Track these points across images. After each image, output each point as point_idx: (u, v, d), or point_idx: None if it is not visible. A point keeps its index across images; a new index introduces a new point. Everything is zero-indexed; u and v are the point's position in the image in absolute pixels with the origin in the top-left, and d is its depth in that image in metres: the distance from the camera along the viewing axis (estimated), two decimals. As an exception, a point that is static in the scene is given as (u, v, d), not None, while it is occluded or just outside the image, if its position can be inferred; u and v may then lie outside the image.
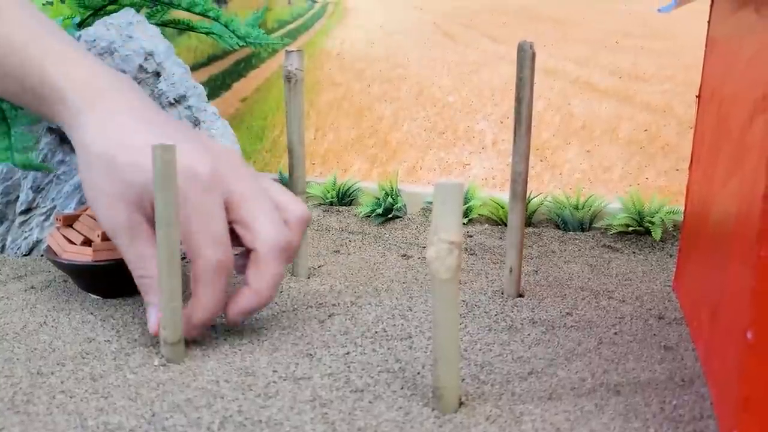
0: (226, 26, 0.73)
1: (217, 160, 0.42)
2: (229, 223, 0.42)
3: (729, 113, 0.38)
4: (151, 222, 0.42)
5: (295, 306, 0.50)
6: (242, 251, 0.44)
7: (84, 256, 0.49)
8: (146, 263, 0.42)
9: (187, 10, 0.71)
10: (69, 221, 0.52)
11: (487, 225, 0.71)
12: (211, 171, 0.41)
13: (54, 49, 0.47)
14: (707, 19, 0.50)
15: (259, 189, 0.43)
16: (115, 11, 0.63)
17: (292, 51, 0.52)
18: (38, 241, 0.61)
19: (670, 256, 0.62)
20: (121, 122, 0.44)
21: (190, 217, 0.40)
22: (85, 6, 0.67)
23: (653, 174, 0.72)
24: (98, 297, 0.51)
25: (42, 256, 0.61)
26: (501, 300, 0.52)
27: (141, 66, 0.59)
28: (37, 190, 0.60)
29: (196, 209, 0.41)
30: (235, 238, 0.43)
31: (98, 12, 0.68)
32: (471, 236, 0.68)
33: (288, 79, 0.52)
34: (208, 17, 0.72)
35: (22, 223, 0.61)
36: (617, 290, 0.54)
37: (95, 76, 0.47)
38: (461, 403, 0.36)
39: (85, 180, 0.44)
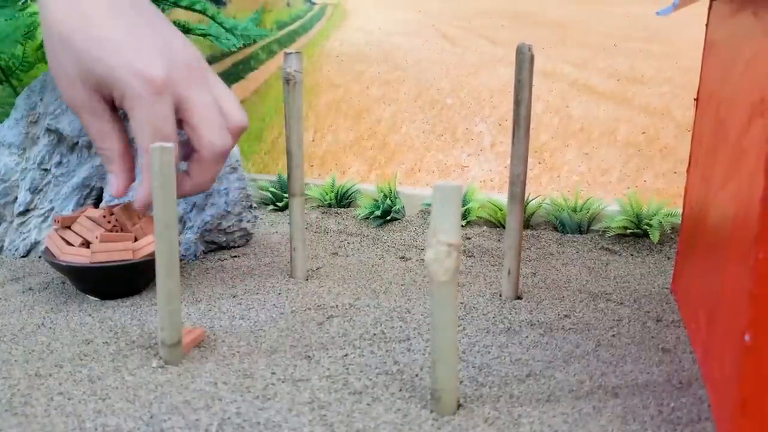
0: (213, 18, 0.73)
1: (173, 65, 0.46)
2: (179, 121, 0.47)
3: (727, 116, 0.39)
4: (111, 104, 0.47)
5: (294, 308, 0.50)
6: (185, 140, 0.50)
7: (82, 257, 0.49)
8: (105, 137, 0.48)
9: (175, 4, 0.71)
10: (67, 223, 0.52)
11: (485, 227, 0.71)
12: (164, 75, 0.45)
13: None
14: (705, 23, 0.50)
15: (207, 96, 0.47)
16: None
17: (291, 53, 0.52)
18: (36, 243, 0.61)
19: (668, 258, 0.63)
20: (89, 11, 0.46)
21: (142, 116, 0.45)
22: None
23: (651, 176, 0.72)
24: (96, 299, 0.51)
25: (40, 257, 0.61)
26: (499, 302, 0.52)
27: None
28: (35, 191, 0.60)
29: (148, 111, 0.45)
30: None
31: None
32: (469, 238, 0.68)
33: (287, 80, 0.52)
34: (195, 10, 0.72)
35: (20, 225, 0.61)
36: (615, 292, 0.54)
37: None
38: (459, 405, 0.36)
39: (48, 53, 0.47)
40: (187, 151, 0.50)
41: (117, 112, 0.48)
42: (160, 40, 0.47)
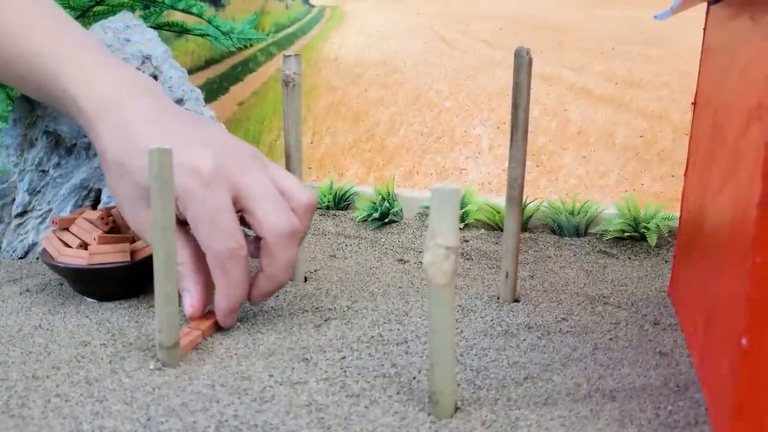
0: (209, 22, 0.74)
1: (223, 155, 0.44)
2: (240, 212, 0.44)
3: (724, 120, 0.39)
4: (176, 219, 0.44)
5: (291, 310, 0.50)
6: (254, 236, 0.46)
7: (80, 259, 0.49)
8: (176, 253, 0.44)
9: (171, 7, 0.71)
10: (65, 224, 0.52)
11: (483, 230, 0.71)
12: (212, 166, 0.43)
13: (70, 57, 0.48)
14: (703, 27, 0.50)
15: (264, 179, 0.45)
16: (103, 12, 0.63)
17: (290, 55, 0.52)
18: (34, 244, 0.60)
19: (666, 261, 0.63)
20: (131, 129, 0.45)
21: (196, 212, 0.42)
22: (72, 7, 0.67)
23: (649, 180, 0.72)
24: (94, 300, 0.51)
25: (38, 259, 0.61)
26: (497, 305, 0.52)
27: (138, 69, 0.59)
28: (33, 192, 0.60)
29: (201, 204, 0.42)
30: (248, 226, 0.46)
31: (86, 13, 0.68)
32: (467, 241, 0.68)
33: (286, 83, 0.52)
34: (192, 13, 0.72)
35: (18, 226, 0.61)
36: (613, 296, 0.54)
37: (108, 84, 0.48)
38: (457, 408, 0.36)
39: (109, 186, 0.47)
40: (257, 245, 0.46)
41: (185, 225, 0.45)
42: (207, 136, 0.46)
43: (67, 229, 0.52)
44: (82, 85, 0.47)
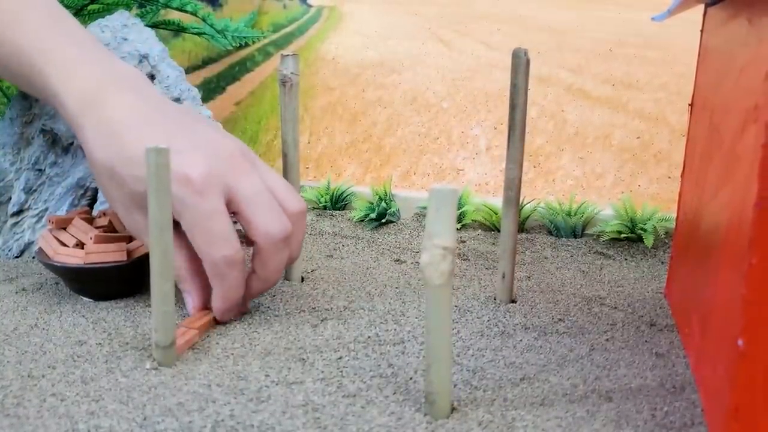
0: (204, 20, 0.73)
1: (214, 158, 0.43)
2: (232, 214, 0.44)
3: (721, 122, 0.39)
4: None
5: (288, 310, 0.50)
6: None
7: (76, 258, 0.49)
8: (173, 257, 0.44)
9: (166, 5, 0.71)
10: (61, 224, 0.52)
11: (480, 230, 0.71)
12: (204, 173, 0.42)
13: (54, 51, 0.47)
14: (700, 28, 0.50)
15: (257, 182, 0.45)
16: (98, 11, 0.63)
17: (288, 55, 0.52)
18: (30, 243, 0.60)
19: (662, 263, 0.63)
20: (116, 131, 0.44)
21: (189, 220, 0.42)
22: (67, 5, 0.67)
23: (646, 181, 0.72)
24: (90, 300, 0.51)
25: (33, 258, 0.60)
26: (493, 305, 0.52)
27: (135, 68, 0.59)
28: (29, 191, 0.60)
29: (195, 213, 0.42)
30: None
31: (80, 11, 0.67)
32: (464, 241, 0.68)
33: (283, 83, 0.52)
34: (186, 11, 0.72)
35: (14, 225, 0.61)
36: (609, 297, 0.54)
37: (90, 78, 0.46)
38: (453, 409, 0.36)
39: (100, 188, 0.46)
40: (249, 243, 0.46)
41: (181, 227, 0.45)
42: (196, 137, 0.44)
43: (63, 228, 0.52)
44: (64, 80, 0.46)
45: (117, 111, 0.45)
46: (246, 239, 0.46)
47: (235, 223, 0.45)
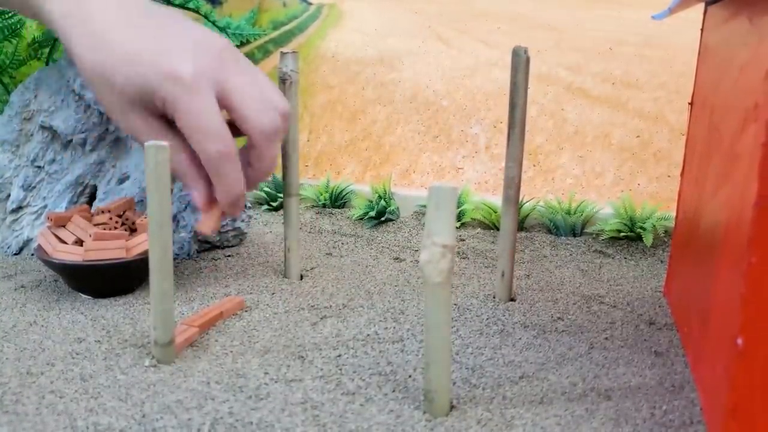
0: (206, 17, 0.73)
1: (204, 56, 0.44)
2: (223, 109, 0.44)
3: (721, 121, 0.39)
4: (164, 117, 0.44)
5: (287, 308, 0.50)
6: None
7: (75, 255, 0.49)
8: (172, 154, 0.44)
9: (168, 2, 0.71)
10: (60, 221, 0.52)
11: (479, 229, 0.71)
12: (193, 71, 0.43)
13: None
14: (700, 28, 0.50)
15: (248, 79, 0.45)
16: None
17: (288, 52, 0.52)
18: (29, 240, 0.60)
19: (661, 261, 0.63)
20: (102, 35, 0.44)
21: (183, 118, 0.43)
22: None
23: (645, 180, 0.72)
24: (89, 297, 0.51)
25: (32, 255, 0.60)
26: (493, 304, 0.52)
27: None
28: (28, 188, 0.60)
29: (187, 110, 0.42)
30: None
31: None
32: (463, 240, 0.68)
33: (283, 80, 0.52)
34: (188, 9, 0.72)
35: (13, 222, 0.60)
36: (608, 295, 0.54)
37: None
38: (452, 407, 0.36)
39: (93, 92, 0.46)
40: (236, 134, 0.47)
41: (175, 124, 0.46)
42: (183, 36, 0.45)
43: (62, 225, 0.52)
44: None
45: (103, 15, 0.45)
46: (233, 130, 0.46)
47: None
